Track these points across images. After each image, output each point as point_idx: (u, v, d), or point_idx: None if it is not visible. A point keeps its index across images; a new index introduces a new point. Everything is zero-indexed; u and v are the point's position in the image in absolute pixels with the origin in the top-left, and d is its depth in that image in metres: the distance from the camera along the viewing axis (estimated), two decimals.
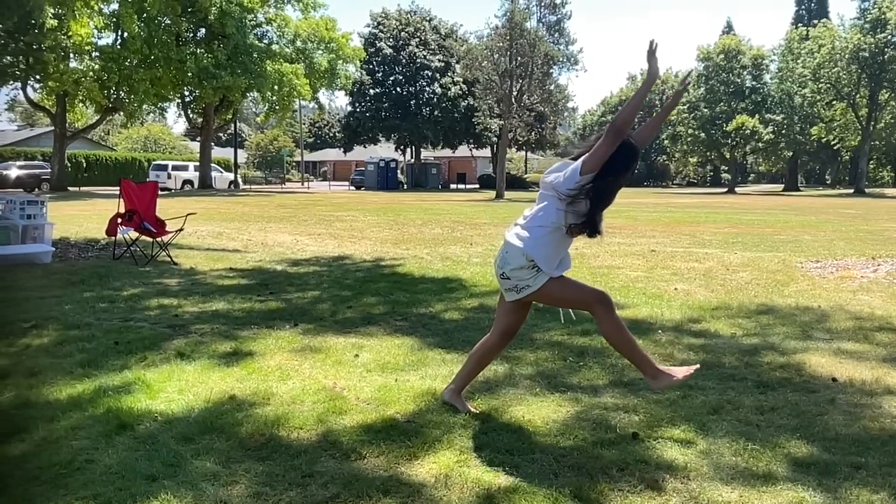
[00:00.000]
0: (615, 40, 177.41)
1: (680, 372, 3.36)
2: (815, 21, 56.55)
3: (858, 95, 51.41)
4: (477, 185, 55.31)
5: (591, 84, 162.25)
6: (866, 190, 51.92)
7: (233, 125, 49.11)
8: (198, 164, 41.26)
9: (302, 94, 37.85)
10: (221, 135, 67.88)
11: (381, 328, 5.39)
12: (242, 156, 65.93)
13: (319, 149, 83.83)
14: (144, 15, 31.68)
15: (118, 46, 32.26)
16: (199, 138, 43.54)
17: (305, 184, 59.73)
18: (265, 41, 38.17)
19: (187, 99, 39.97)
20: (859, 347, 4.92)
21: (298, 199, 30.51)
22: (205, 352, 4.64)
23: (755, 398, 3.81)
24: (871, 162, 66.95)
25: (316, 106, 49.99)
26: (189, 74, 34.16)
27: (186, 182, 39.89)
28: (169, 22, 33.31)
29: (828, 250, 10.80)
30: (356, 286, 7.28)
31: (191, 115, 41.98)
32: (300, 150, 72.10)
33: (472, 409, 3.57)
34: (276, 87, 35.93)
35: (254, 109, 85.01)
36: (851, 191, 52.52)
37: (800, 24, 59.61)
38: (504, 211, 22.64)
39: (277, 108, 39.19)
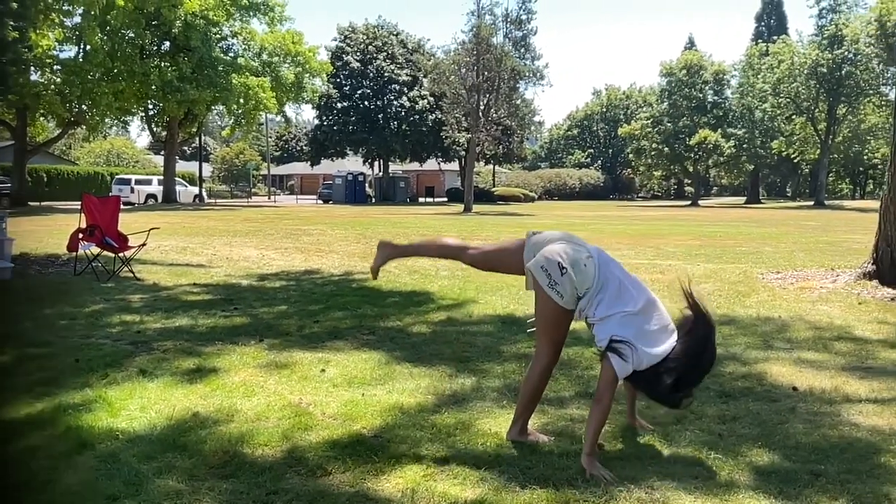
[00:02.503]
0: (580, 56, 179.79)
1: (540, 438, 3.38)
2: (775, 37, 57.88)
3: (817, 110, 52.69)
4: (445, 199, 55.43)
5: (558, 99, 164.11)
6: (826, 202, 53.11)
7: (198, 139, 48.60)
8: (162, 177, 40.74)
9: (268, 108, 37.66)
10: (186, 148, 67.10)
11: (349, 342, 5.36)
12: (208, 169, 65.26)
13: (286, 162, 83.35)
14: (108, 28, 31.30)
15: (80, 59, 31.80)
16: (163, 152, 43.03)
17: (272, 198, 59.33)
18: (231, 54, 37.93)
19: (151, 112, 39.50)
20: (819, 357, 5.03)
21: (265, 213, 30.28)
22: (167, 368, 4.57)
23: (718, 408, 3.87)
24: (830, 175, 68.61)
25: (282, 119, 49.72)
26: (153, 87, 33.79)
27: (150, 196, 39.35)
28: (133, 35, 32.97)
29: (788, 261, 11.01)
30: (323, 300, 7.24)
31: (155, 129, 41.48)
32: (267, 164, 71.64)
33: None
34: (241, 101, 35.69)
35: (219, 123, 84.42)
36: (811, 203, 53.66)
37: (760, 40, 60.98)
38: (472, 224, 22.72)
39: (243, 121, 38.94)
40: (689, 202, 58.84)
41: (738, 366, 4.73)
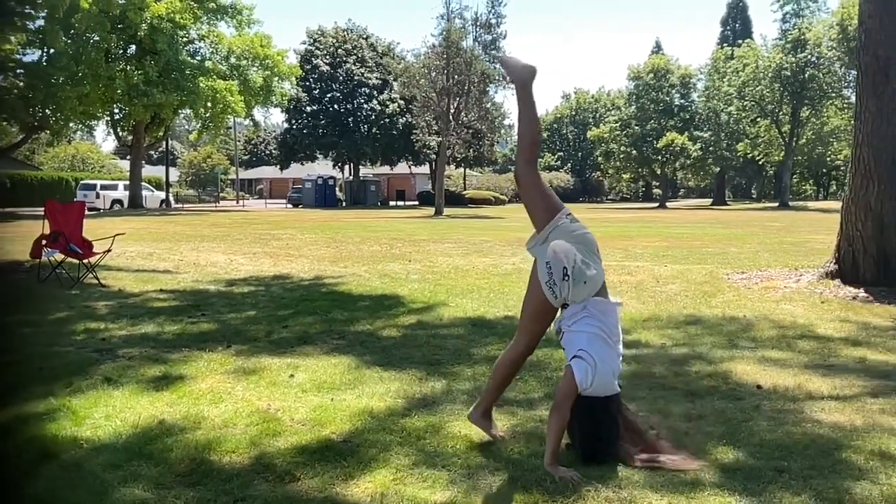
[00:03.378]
0: (549, 60, 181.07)
1: (495, 431, 3.43)
2: (740, 41, 58.85)
3: (781, 112, 53.67)
4: (416, 202, 55.39)
5: None
6: (790, 203, 54.06)
7: (164, 143, 48.02)
8: (128, 182, 40.14)
9: (236, 112, 37.35)
10: (153, 153, 66.31)
11: (318, 347, 5.34)
12: (175, 174, 64.47)
13: (255, 166, 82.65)
14: (72, 31, 30.79)
15: (44, 63, 31.24)
16: (129, 156, 42.42)
17: (241, 202, 58.76)
18: (198, 58, 37.56)
19: (117, 116, 38.93)
20: (782, 355, 5.12)
21: (233, 217, 30.00)
22: (133, 376, 4.51)
23: (684, 406, 3.92)
24: (795, 176, 69.90)
25: (251, 123, 49.31)
26: (119, 91, 33.30)
27: (116, 202, 38.74)
28: (98, 38, 32.47)
29: (753, 262, 11.20)
30: (293, 305, 7.19)
31: (121, 133, 40.88)
32: (235, 168, 70.97)
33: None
34: (209, 104, 35.36)
35: (186, 127, 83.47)
36: (776, 204, 54.57)
37: (725, 44, 61.98)
38: (443, 227, 22.74)
39: (211, 125, 38.57)
40: (656, 204, 59.51)
41: (704, 365, 4.79)
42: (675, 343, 5.49)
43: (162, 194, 44.50)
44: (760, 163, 62.20)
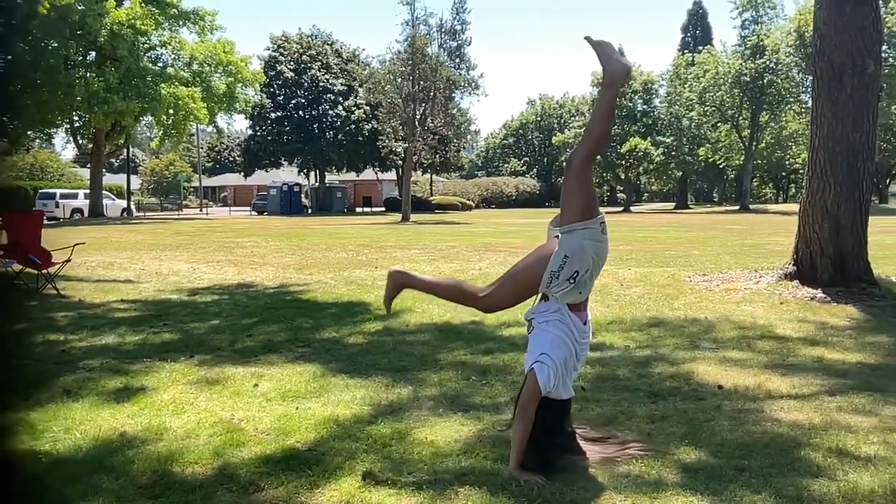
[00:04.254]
0: (515, 66, 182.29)
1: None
2: (700, 48, 59.89)
3: (741, 117, 54.67)
4: (383, 208, 55.28)
5: (493, 108, 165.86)
6: (751, 206, 55.03)
7: (126, 150, 47.26)
8: (88, 191, 39.43)
9: (199, 118, 36.91)
10: (114, 160, 65.19)
11: (283, 356, 5.29)
12: (136, 182, 63.47)
13: (219, 173, 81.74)
14: (29, 38, 30.17)
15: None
16: (89, 165, 41.67)
17: (204, 210, 58.04)
18: (160, 64, 37.05)
19: (77, 124, 38.23)
20: (743, 355, 5.21)
21: (196, 225, 29.62)
22: (93, 388, 4.42)
23: (647, 408, 3.97)
24: (755, 180, 71.18)
25: (214, 130, 48.78)
26: (78, 99, 32.72)
27: (76, 211, 38.02)
28: (56, 45, 31.87)
29: (714, 264, 11.38)
30: (257, 314, 7.12)
31: (80, 141, 40.14)
32: (198, 175, 70.12)
33: None
34: (171, 111, 34.89)
35: (148, 134, 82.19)
36: (737, 207, 55.51)
37: (686, 51, 62.96)
38: (410, 233, 22.71)
39: (173, 132, 38.02)
40: (621, 208, 60.17)
41: (667, 366, 4.86)
42: (639, 345, 5.56)
43: (123, 203, 43.75)
44: (721, 167, 63.31)
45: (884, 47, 41.65)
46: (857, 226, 8.08)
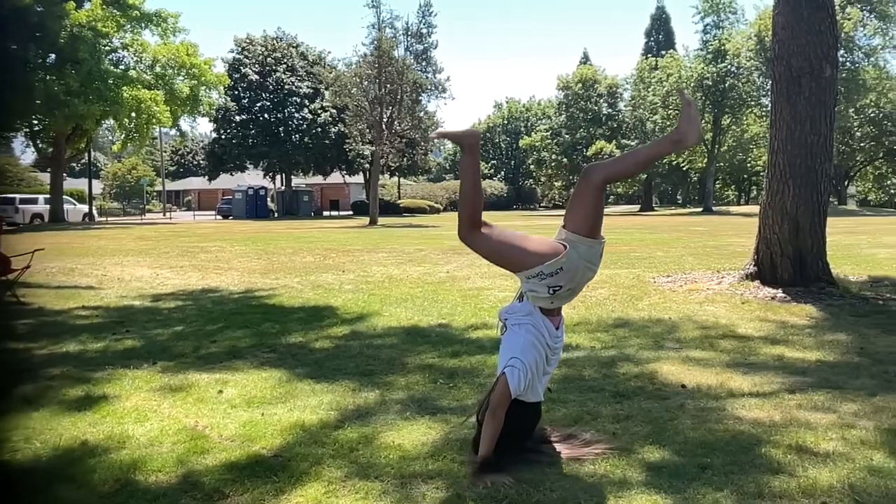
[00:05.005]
0: (482, 69, 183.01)
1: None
2: (664, 52, 60.74)
3: (703, 120, 55.52)
4: (351, 212, 55.06)
5: (460, 111, 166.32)
6: (713, 208, 55.91)
7: (87, 154, 46.44)
8: (48, 196, 38.64)
9: (162, 122, 36.43)
10: (75, 165, 63.95)
11: (248, 361, 5.24)
12: (98, 186, 62.32)
13: (183, 177, 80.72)
14: None
15: None
16: (49, 169, 40.84)
17: (168, 214, 57.21)
18: (121, 67, 36.48)
19: (36, 128, 37.44)
20: (706, 355, 5.29)
21: (160, 230, 29.19)
22: (54, 397, 4.34)
23: (612, 407, 4.01)
24: (718, 182, 72.33)
25: (177, 133, 48.14)
26: (38, 102, 32.04)
27: (36, 216, 37.19)
28: (15, 47, 31.18)
29: (678, 265, 11.54)
30: (221, 319, 7.04)
31: (40, 145, 39.32)
32: (161, 179, 69.13)
33: None
34: (133, 115, 34.37)
35: (110, 137, 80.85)
36: (700, 209, 56.35)
37: (649, 55, 63.81)
38: (377, 236, 22.66)
39: (135, 135, 37.46)
40: None
41: (632, 366, 4.91)
42: (604, 346, 5.61)
43: (85, 207, 42.94)
44: (685, 169, 64.24)
45: (840, 52, 42.77)
46: (815, 227, 8.26)
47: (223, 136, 51.90)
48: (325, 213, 54.99)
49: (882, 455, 3.27)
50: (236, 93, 50.50)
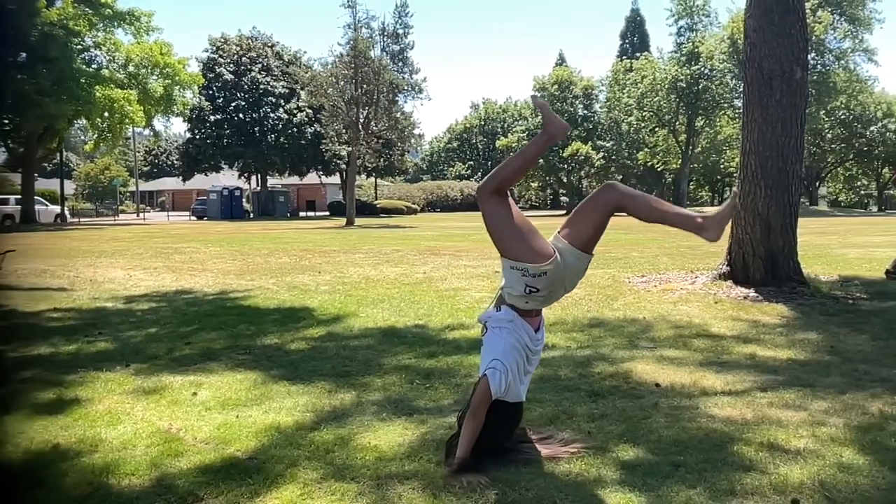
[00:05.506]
0: (458, 70, 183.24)
1: None
2: (638, 54, 61.25)
3: (678, 122, 56.17)
4: (327, 213, 54.86)
5: (438, 112, 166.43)
6: (688, 209, 56.49)
7: (59, 154, 45.79)
8: (20, 196, 38.04)
9: (135, 121, 36.04)
10: (46, 165, 62.99)
11: (223, 363, 5.20)
12: (70, 187, 61.50)
13: (156, 177, 79.91)
14: None
15: None
16: (20, 169, 40.20)
17: (141, 215, 56.59)
18: (94, 66, 36.02)
19: (7, 128, 36.83)
20: (679, 354, 5.34)
21: (133, 231, 28.87)
22: (25, 400, 4.27)
23: (587, 407, 4.04)
24: (692, 183, 73.18)
25: (151, 133, 47.63)
26: (8, 102, 31.50)
27: (7, 217, 36.60)
28: None
29: (652, 265, 11.64)
30: (196, 321, 6.98)
31: (11, 145, 38.69)
32: (135, 180, 68.35)
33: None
34: (105, 114, 33.95)
35: (82, 137, 79.79)
36: None
37: (624, 57, 64.33)
38: (354, 237, 22.59)
39: (108, 135, 37.03)
40: (564, 211, 61.01)
41: (607, 365, 4.95)
42: (580, 345, 5.65)
43: (57, 208, 42.36)
44: (660, 170, 64.86)
45: (811, 55, 43.43)
46: (787, 227, 8.37)
47: (197, 136, 51.48)
48: (302, 214, 54.73)
49: (851, 452, 3.32)
50: (211, 92, 50.14)
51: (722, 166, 64.48)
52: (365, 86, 35.38)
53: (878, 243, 16.43)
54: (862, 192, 79.54)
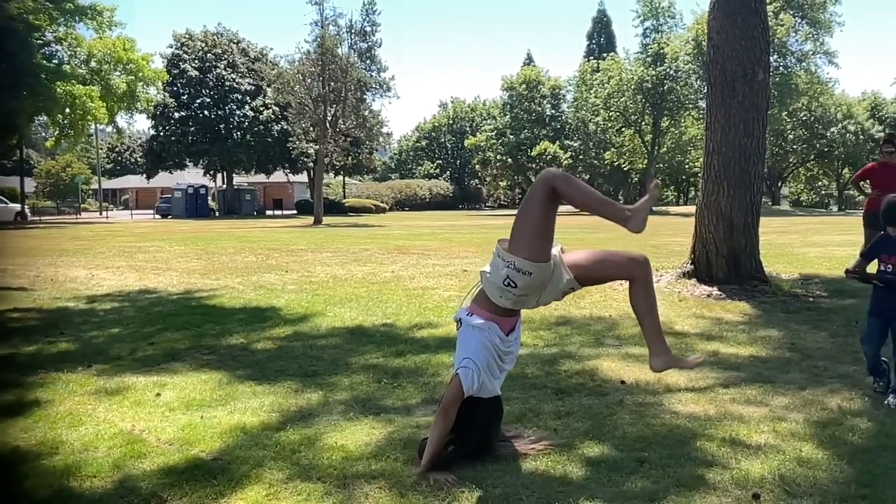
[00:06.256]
0: (427, 68, 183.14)
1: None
2: (605, 55, 61.81)
3: (644, 122, 56.80)
4: (295, 211, 54.43)
5: (406, 110, 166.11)
6: (654, 208, 57.07)
7: (19, 151, 44.77)
8: None
9: (97, 118, 35.38)
10: (6, 162, 61.53)
11: (187, 364, 5.13)
12: (31, 185, 60.09)
13: (120, 175, 78.54)
14: None
15: None
16: None
17: (104, 213, 55.59)
18: (55, 61, 35.29)
19: None
20: (644, 351, 5.32)
21: (96, 229, 28.35)
22: None
23: (554, 404, 4.07)
24: None
25: (114, 130, 46.79)
26: None
27: None
28: None
29: None
30: (160, 321, 6.88)
31: None
32: (97, 177, 67.11)
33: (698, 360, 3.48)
34: (67, 111, 33.29)
35: (43, 134, 78.14)
36: None
37: (591, 58, 64.86)
38: (322, 236, 22.45)
39: (70, 132, 36.31)
40: None
41: (573, 363, 4.99)
42: (547, 343, 5.69)
43: (17, 206, 41.41)
44: (626, 170, 65.55)
45: (773, 57, 44.26)
46: (749, 226, 8.52)
47: (162, 134, 50.72)
48: (269, 213, 54.24)
49: (811, 446, 3.40)
50: (175, 89, 49.45)
51: (687, 166, 65.31)
52: (332, 83, 35.20)
53: (838, 242, 16.80)
54: (823, 192, 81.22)
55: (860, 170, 9.88)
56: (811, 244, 16.69)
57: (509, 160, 59.71)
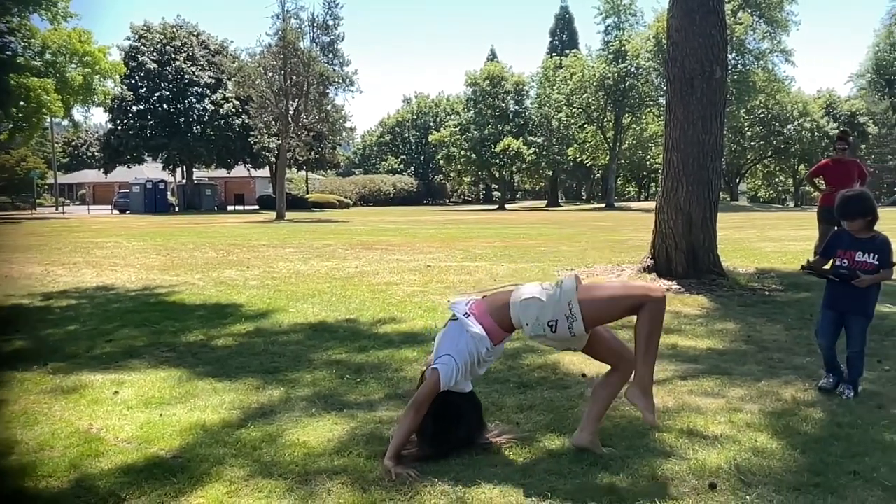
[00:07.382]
0: (390, 63, 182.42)
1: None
2: (568, 51, 62.27)
3: (606, 119, 57.39)
4: (256, 206, 53.87)
5: (369, 105, 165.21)
6: (616, 204, 57.82)
7: None
8: None
9: (52, 111, 34.55)
10: None
11: (146, 361, 5.05)
12: None
13: (76, 170, 76.86)
14: None
15: None
16: None
17: (60, 208, 54.34)
18: (7, 53, 34.34)
19: None
20: None
21: (51, 225, 27.71)
22: None
23: (516, 398, 4.10)
24: (619, 178, 74.91)
25: (70, 123, 45.76)
26: None
27: None
28: None
29: (581, 259, 11.88)
30: (117, 318, 6.76)
31: None
32: (53, 172, 65.53)
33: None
34: (21, 104, 32.45)
35: None
36: (603, 205, 58.19)
37: (554, 54, 65.31)
38: (284, 232, 22.25)
39: (24, 125, 35.39)
40: (496, 206, 61.60)
41: (535, 357, 5.03)
42: (510, 338, 5.71)
43: None
44: (589, 166, 66.23)
45: (731, 55, 45.00)
46: (707, 222, 8.66)
47: (119, 127, 49.79)
48: (230, 208, 53.62)
49: (765, 436, 3.48)
50: (133, 82, 48.58)
51: (648, 162, 66.23)
52: (294, 77, 34.89)
53: (794, 237, 17.20)
54: (780, 188, 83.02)
55: (815, 166, 10.11)
56: (767, 239, 17.05)
57: (473, 155, 59.82)
